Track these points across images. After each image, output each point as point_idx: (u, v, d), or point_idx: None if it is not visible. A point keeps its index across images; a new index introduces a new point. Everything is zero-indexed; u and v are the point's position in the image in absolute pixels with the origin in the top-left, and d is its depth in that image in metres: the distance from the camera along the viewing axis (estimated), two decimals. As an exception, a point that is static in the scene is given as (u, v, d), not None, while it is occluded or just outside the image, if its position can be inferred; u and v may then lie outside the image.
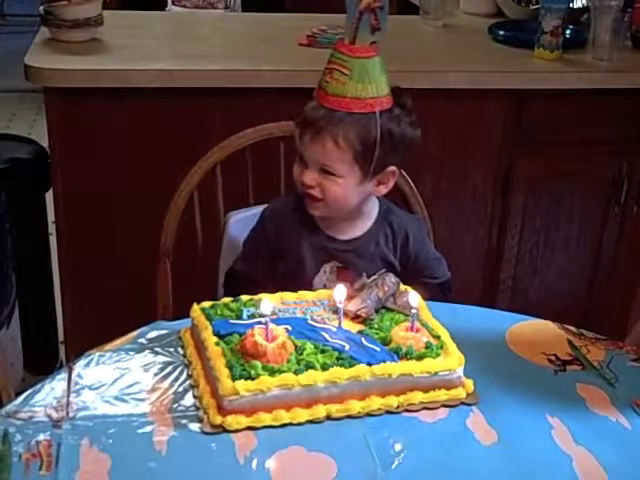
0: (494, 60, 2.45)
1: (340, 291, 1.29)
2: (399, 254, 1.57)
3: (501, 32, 2.60)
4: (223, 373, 1.19)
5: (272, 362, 1.20)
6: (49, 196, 2.35)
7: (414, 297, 1.29)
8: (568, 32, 2.57)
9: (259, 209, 1.66)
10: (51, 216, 2.34)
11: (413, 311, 1.28)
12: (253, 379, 1.18)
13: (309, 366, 1.21)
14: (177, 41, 2.49)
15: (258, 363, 1.20)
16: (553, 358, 1.38)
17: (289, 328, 1.28)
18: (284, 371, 1.20)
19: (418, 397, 1.24)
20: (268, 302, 1.24)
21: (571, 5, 2.73)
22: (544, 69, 2.38)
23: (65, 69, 2.12)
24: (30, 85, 2.17)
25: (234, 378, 1.18)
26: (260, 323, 1.25)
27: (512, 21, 2.77)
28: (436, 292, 1.55)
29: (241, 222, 1.70)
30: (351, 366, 1.22)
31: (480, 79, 2.33)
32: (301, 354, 1.24)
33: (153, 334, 1.39)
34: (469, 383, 1.27)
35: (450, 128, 2.35)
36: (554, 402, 1.27)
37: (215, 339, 1.26)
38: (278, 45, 2.43)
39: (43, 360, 2.61)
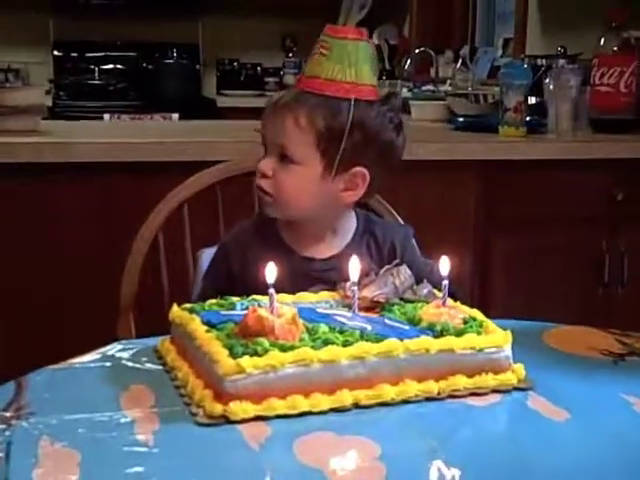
0: (459, 139, 2.36)
1: (355, 263, 1.07)
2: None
3: (461, 119, 2.54)
4: (222, 353, 0.94)
5: (282, 339, 0.96)
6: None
7: (445, 264, 1.07)
8: (527, 119, 2.52)
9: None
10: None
11: (445, 282, 1.06)
12: (260, 356, 0.93)
13: (328, 342, 0.97)
14: (124, 130, 2.34)
15: (264, 340, 0.95)
16: (606, 352, 1.16)
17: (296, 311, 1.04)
18: (298, 347, 0.95)
19: (462, 382, 1.00)
20: (272, 269, 1.01)
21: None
22: (512, 141, 2.30)
23: (5, 142, 1.94)
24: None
25: (236, 356, 0.93)
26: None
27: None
28: None
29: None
30: (379, 342, 0.98)
31: (450, 149, 2.22)
32: (315, 334, 1.00)
33: (122, 350, 1.12)
34: (519, 367, 1.04)
35: (421, 205, 2.20)
36: (625, 383, 1.04)
37: (205, 328, 1.01)
38: (234, 129, 2.31)
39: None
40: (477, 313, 1.09)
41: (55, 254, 1.99)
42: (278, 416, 0.92)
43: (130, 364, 1.08)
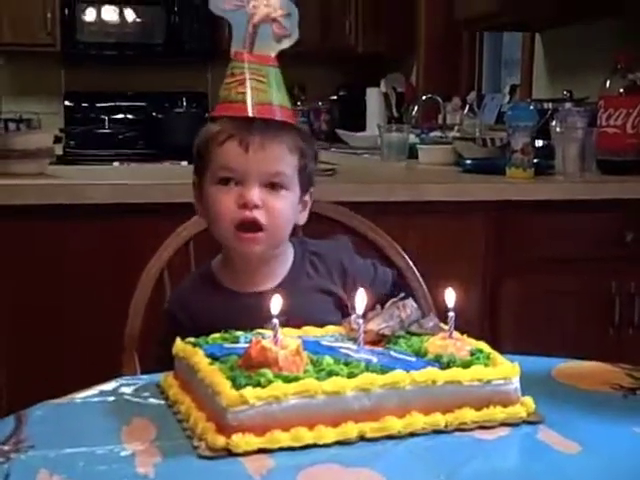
0: (467, 181, 2.36)
1: (360, 297, 1.06)
2: (341, 285, 1.36)
3: (468, 162, 2.54)
4: (224, 385, 0.92)
5: (286, 371, 0.95)
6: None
7: (450, 295, 1.06)
8: (534, 161, 2.52)
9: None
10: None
11: (451, 314, 1.05)
12: (264, 387, 0.91)
13: (333, 374, 0.95)
14: (129, 174, 2.35)
15: (268, 371, 0.94)
16: (617, 387, 1.14)
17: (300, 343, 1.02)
18: (302, 379, 0.94)
19: (469, 415, 0.98)
20: (277, 300, 1.00)
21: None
22: (520, 182, 2.30)
23: (13, 184, 1.94)
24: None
25: (239, 387, 0.91)
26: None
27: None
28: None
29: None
30: (385, 373, 0.97)
31: (458, 190, 2.22)
32: (320, 365, 0.98)
33: (124, 386, 1.11)
34: (529, 401, 1.02)
35: (430, 246, 2.19)
36: (636, 416, 1.02)
37: (209, 360, 1.00)
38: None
39: None
40: (484, 345, 1.07)
41: (61, 293, 1.99)
42: (282, 449, 0.90)
43: (132, 399, 1.06)
